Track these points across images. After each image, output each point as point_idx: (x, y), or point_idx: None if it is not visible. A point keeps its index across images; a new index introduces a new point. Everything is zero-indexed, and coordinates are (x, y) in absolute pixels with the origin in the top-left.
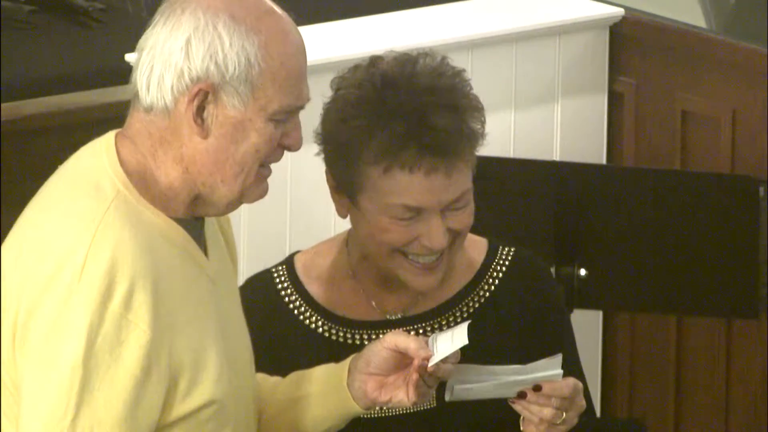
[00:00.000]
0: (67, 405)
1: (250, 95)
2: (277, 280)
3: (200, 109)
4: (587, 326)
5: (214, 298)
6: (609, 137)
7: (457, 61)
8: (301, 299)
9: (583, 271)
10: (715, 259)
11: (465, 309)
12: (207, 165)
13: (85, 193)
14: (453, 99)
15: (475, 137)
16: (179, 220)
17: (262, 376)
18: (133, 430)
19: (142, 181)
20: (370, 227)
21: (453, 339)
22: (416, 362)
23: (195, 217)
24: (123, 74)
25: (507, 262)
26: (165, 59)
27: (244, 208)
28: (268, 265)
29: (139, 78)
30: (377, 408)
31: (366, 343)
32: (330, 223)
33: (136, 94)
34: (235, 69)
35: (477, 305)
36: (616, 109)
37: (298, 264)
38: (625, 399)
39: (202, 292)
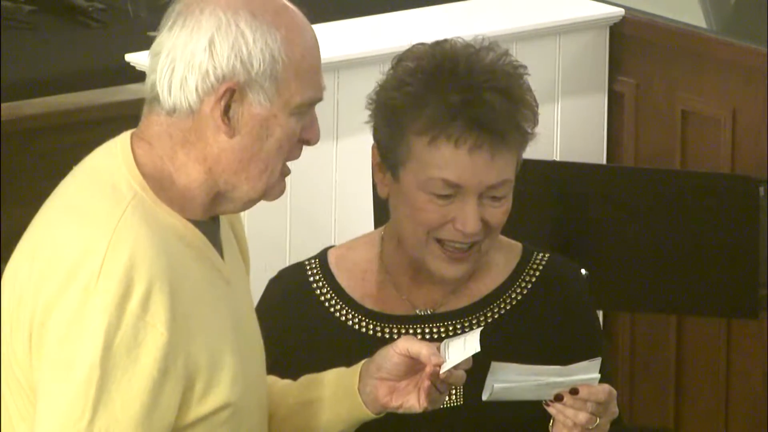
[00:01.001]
0: (84, 406)
1: (275, 91)
2: (309, 272)
3: (226, 108)
4: None
5: (229, 299)
6: (609, 137)
7: None
8: (333, 292)
9: (583, 271)
10: (715, 259)
11: (496, 311)
12: (232, 164)
13: (101, 194)
14: (509, 86)
15: (523, 129)
16: (195, 222)
17: (272, 379)
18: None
19: (158, 183)
20: (408, 206)
21: (465, 346)
22: (428, 369)
23: (211, 218)
24: (123, 74)
25: (541, 267)
26: (187, 60)
27: (244, 213)
28: (267, 272)
29: (159, 81)
30: None
31: (395, 337)
32: (330, 227)
33: (156, 98)
34: (260, 65)
35: (508, 307)
36: (616, 109)
37: (331, 258)
38: (626, 399)
39: (217, 293)
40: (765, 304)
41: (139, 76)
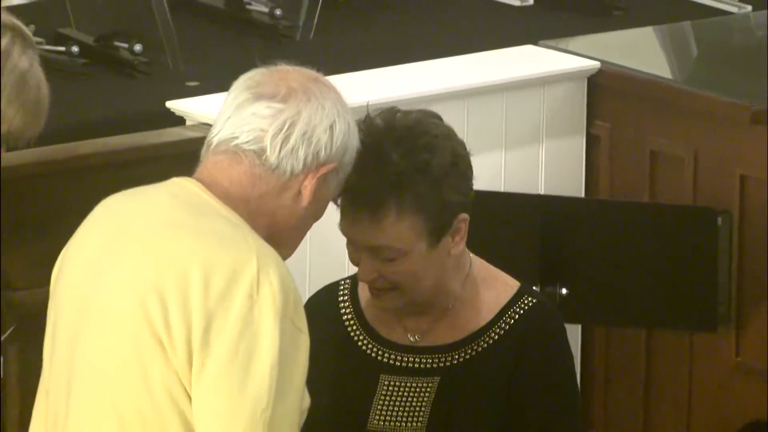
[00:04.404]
0: (268, 399)
1: (342, 181)
2: (341, 291)
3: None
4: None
5: None
6: (587, 174)
7: (453, 108)
8: (353, 312)
9: (564, 290)
10: (679, 279)
11: (476, 348)
12: (290, 229)
13: (218, 221)
14: (402, 169)
15: (413, 205)
16: None
17: None
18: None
19: None
20: None
21: None
22: None
23: None
24: (164, 119)
25: (521, 312)
26: (304, 133)
27: None
28: None
29: (273, 139)
30: None
31: (392, 362)
32: (332, 238)
33: (251, 150)
34: (348, 158)
35: (479, 349)
36: (593, 150)
37: None
38: (601, 400)
39: None
40: (723, 319)
41: (177, 121)
